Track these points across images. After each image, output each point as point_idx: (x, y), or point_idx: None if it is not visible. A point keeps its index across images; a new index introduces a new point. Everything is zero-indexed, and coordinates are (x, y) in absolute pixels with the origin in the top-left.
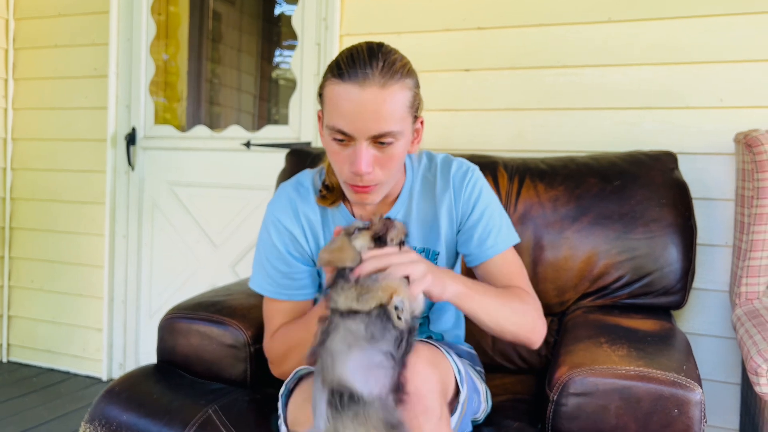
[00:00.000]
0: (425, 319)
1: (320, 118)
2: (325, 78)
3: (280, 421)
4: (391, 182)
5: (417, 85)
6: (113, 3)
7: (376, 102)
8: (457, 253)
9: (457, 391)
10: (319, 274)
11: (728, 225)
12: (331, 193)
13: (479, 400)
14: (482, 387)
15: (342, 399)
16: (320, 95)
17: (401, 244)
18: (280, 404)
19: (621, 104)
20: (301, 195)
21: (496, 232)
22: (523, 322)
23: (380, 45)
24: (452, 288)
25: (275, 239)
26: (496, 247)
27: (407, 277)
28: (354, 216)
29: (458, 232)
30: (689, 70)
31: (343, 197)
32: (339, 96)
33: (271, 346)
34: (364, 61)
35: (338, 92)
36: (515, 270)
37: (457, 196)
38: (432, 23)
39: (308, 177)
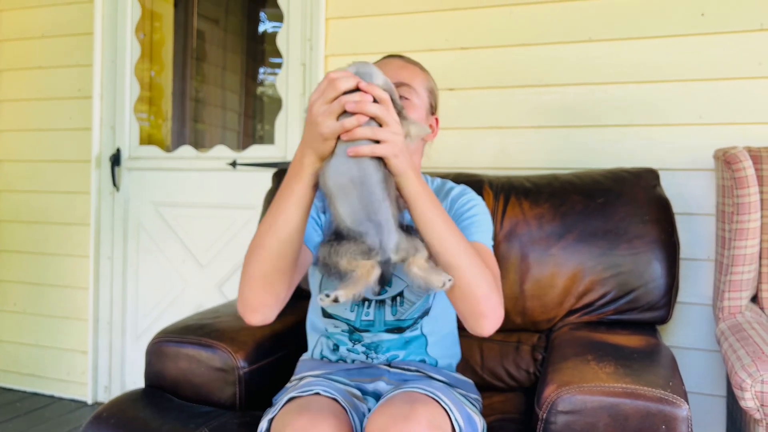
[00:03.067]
0: (424, 339)
1: None
2: None
3: None
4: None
5: (434, 85)
6: (97, 24)
7: (399, 67)
8: None
9: None
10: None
11: (710, 239)
12: None
13: None
14: (480, 423)
15: None
16: None
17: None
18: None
19: (603, 122)
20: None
21: (479, 229)
22: (477, 280)
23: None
24: (411, 185)
25: None
26: (475, 237)
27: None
28: None
29: None
30: (669, 88)
31: None
32: None
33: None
34: (391, 55)
35: None
36: (491, 264)
37: (452, 205)
38: (415, 43)
39: None
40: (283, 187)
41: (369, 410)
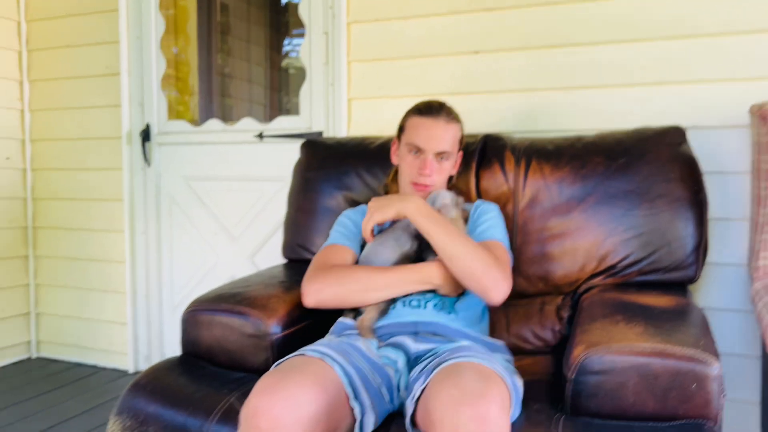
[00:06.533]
0: (452, 309)
1: (394, 144)
2: (407, 116)
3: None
4: (438, 188)
5: (463, 130)
6: (122, 1)
7: (442, 131)
8: None
9: None
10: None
11: (745, 198)
12: None
13: (519, 405)
14: (521, 385)
15: None
16: (401, 127)
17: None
18: None
19: (632, 81)
20: (362, 209)
21: (492, 227)
22: (473, 263)
23: (445, 102)
24: (398, 207)
25: (346, 218)
26: (486, 234)
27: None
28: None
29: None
30: (701, 43)
31: None
32: (419, 124)
33: (318, 273)
34: (436, 106)
35: (418, 122)
36: (498, 252)
37: (476, 209)
38: (439, 6)
39: (366, 206)
40: None
41: (395, 362)
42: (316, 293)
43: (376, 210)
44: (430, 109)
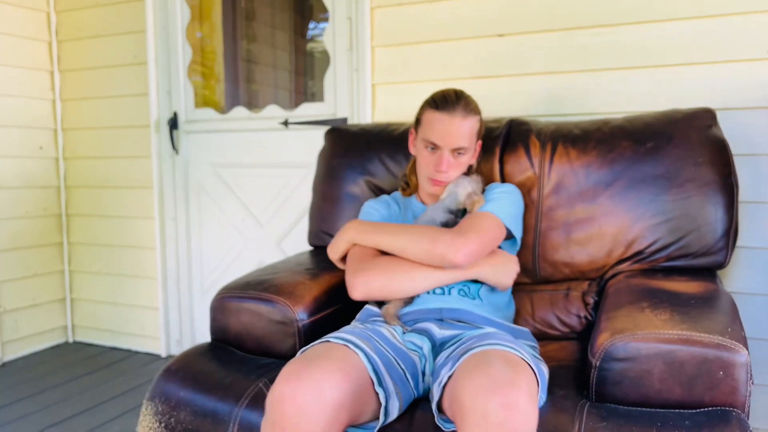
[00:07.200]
0: (477, 295)
1: (412, 134)
2: (423, 108)
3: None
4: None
5: (481, 120)
6: None
7: (458, 127)
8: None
9: None
10: None
11: None
12: (409, 188)
13: (544, 391)
14: (546, 371)
15: None
16: (418, 120)
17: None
18: None
19: (660, 62)
20: (384, 199)
21: (493, 202)
22: (422, 244)
23: (462, 91)
24: (345, 238)
25: (371, 208)
26: (485, 208)
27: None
28: (424, 204)
29: None
30: (730, 22)
31: (415, 191)
32: (434, 120)
33: (362, 264)
34: (452, 99)
35: (434, 117)
36: (471, 221)
37: (492, 187)
38: None
39: (387, 196)
40: None
41: (421, 348)
42: (363, 285)
43: (330, 251)
44: (446, 102)
